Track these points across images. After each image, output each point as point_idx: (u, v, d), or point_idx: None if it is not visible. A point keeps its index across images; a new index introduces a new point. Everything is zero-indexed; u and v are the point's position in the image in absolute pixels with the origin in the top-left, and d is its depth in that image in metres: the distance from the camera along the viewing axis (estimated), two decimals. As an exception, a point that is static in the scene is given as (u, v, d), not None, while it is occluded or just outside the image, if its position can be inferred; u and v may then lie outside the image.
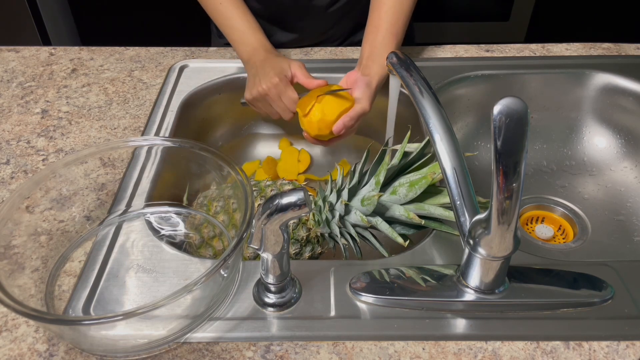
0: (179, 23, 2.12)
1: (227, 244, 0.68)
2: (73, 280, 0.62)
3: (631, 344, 0.55)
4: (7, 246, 0.59)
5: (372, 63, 0.83)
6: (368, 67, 0.83)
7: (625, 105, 0.94)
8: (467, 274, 0.57)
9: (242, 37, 0.89)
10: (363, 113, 0.79)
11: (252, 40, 0.88)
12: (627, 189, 0.92)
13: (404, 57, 0.63)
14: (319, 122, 0.78)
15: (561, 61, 0.98)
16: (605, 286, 0.60)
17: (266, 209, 0.49)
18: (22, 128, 0.86)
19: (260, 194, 0.71)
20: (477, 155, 0.98)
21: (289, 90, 0.81)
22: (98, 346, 0.55)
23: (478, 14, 2.22)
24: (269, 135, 1.03)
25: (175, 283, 0.62)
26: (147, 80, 0.96)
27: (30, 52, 1.04)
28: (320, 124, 0.78)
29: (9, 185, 0.75)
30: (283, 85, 0.81)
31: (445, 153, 0.54)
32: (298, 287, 0.60)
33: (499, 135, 0.46)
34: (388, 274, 0.61)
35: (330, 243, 0.69)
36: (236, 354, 0.55)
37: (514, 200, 0.48)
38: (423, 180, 0.62)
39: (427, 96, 0.57)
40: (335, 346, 0.55)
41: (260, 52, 0.86)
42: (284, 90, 0.81)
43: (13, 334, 0.57)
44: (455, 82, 0.95)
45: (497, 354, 0.54)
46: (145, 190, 0.73)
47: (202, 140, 0.97)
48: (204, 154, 0.66)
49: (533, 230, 0.90)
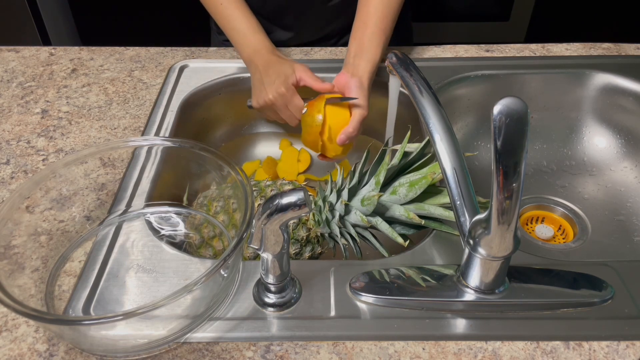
0: (179, 23, 2.12)
1: (227, 244, 0.68)
2: (73, 280, 0.62)
3: (631, 344, 0.55)
4: (7, 246, 0.59)
5: (359, 61, 0.82)
6: (356, 65, 0.82)
7: (625, 105, 0.94)
8: (467, 274, 0.57)
9: (243, 38, 0.89)
10: (363, 118, 0.79)
11: (253, 41, 0.88)
12: (627, 189, 0.92)
13: (404, 57, 0.63)
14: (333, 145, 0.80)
15: (561, 61, 0.98)
16: (605, 286, 0.60)
17: (266, 209, 0.49)
18: (22, 128, 0.86)
19: (260, 194, 0.71)
20: (477, 155, 0.98)
21: (295, 99, 0.81)
22: (98, 346, 0.55)
23: (478, 14, 2.22)
24: (269, 135, 1.03)
25: (175, 283, 0.62)
26: (147, 80, 0.96)
27: (30, 52, 1.04)
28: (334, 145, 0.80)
29: (9, 185, 0.75)
30: (289, 95, 0.81)
31: (445, 153, 0.54)
32: (298, 287, 0.60)
33: (499, 135, 0.46)
34: (388, 274, 0.61)
35: (330, 243, 0.69)
36: (236, 354, 0.55)
37: (514, 200, 0.48)
38: (423, 180, 0.62)
39: (427, 96, 0.57)
40: (335, 346, 0.55)
41: (262, 54, 0.86)
42: (290, 100, 0.81)
43: (13, 334, 0.57)
44: (455, 82, 0.95)
45: (497, 354, 0.54)
46: (145, 190, 0.73)
47: (202, 140, 0.97)
48: (204, 154, 0.66)
49: (533, 230, 0.90)
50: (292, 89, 0.81)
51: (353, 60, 0.83)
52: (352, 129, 0.78)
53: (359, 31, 0.85)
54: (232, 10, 0.89)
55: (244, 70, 0.97)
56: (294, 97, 0.81)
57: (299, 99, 0.81)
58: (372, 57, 0.83)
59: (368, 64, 0.82)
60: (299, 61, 1.00)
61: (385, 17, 0.85)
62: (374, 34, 0.84)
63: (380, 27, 0.84)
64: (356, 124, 0.78)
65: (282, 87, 0.80)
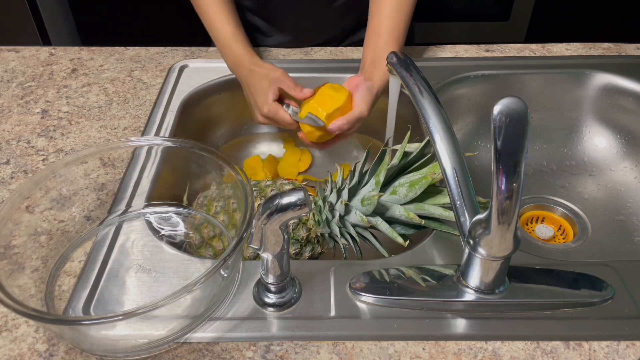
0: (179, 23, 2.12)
1: (227, 244, 0.68)
2: (73, 280, 0.62)
3: (631, 344, 0.55)
4: (7, 246, 0.59)
5: (374, 69, 0.83)
6: (370, 72, 0.82)
7: (625, 105, 0.94)
8: (467, 274, 0.57)
9: (224, 49, 0.90)
10: (360, 118, 0.78)
11: (232, 52, 0.88)
12: (627, 189, 0.92)
13: (404, 57, 0.63)
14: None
15: (561, 61, 0.98)
16: (605, 286, 0.60)
17: (266, 209, 0.49)
18: (22, 128, 0.86)
19: (260, 194, 0.71)
20: (477, 155, 0.98)
21: (279, 113, 0.81)
22: (98, 346, 0.55)
23: (478, 14, 2.22)
24: (269, 134, 1.03)
25: (175, 283, 0.62)
26: (147, 80, 0.96)
27: (30, 52, 1.04)
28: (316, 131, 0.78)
29: (9, 185, 0.75)
30: (273, 113, 0.81)
31: (445, 153, 0.54)
32: (298, 287, 0.60)
33: (499, 135, 0.46)
34: (388, 274, 0.61)
35: (330, 243, 0.69)
36: (236, 354, 0.55)
37: (514, 200, 0.48)
38: (423, 180, 0.62)
39: (427, 96, 0.57)
40: (335, 346, 0.55)
41: (242, 67, 0.86)
42: (275, 116, 0.81)
43: (13, 334, 0.57)
44: (455, 82, 0.95)
45: (497, 354, 0.54)
46: (145, 190, 0.73)
47: (202, 140, 0.97)
48: (204, 154, 0.66)
49: (533, 230, 0.90)
50: (273, 106, 0.81)
51: (369, 68, 0.83)
52: (347, 121, 0.77)
53: (372, 40, 0.86)
54: (214, 19, 0.90)
55: (244, 70, 0.97)
56: (277, 114, 0.81)
57: (283, 113, 0.81)
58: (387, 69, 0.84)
59: (383, 74, 0.82)
60: (297, 61, 1.00)
61: (397, 25, 0.85)
62: (388, 42, 0.84)
63: (393, 36, 0.85)
64: (352, 119, 0.77)
65: (265, 108, 0.81)
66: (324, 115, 0.77)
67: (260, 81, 0.83)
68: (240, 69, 0.87)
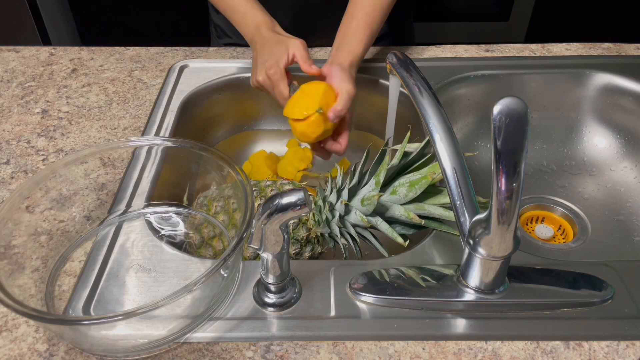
0: (179, 23, 2.12)
1: (227, 244, 0.68)
2: (73, 280, 0.62)
3: (631, 344, 0.55)
4: (7, 246, 0.59)
5: (340, 52, 0.82)
6: (336, 56, 0.82)
7: (625, 105, 0.94)
8: (467, 274, 0.57)
9: (243, 18, 0.88)
10: (350, 96, 0.77)
11: (252, 20, 0.87)
12: (627, 189, 0.92)
13: (404, 57, 0.63)
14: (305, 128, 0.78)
15: (561, 61, 0.98)
16: (605, 286, 0.60)
17: (266, 209, 0.49)
18: (22, 128, 0.86)
19: (260, 194, 0.71)
20: (477, 155, 0.98)
21: (281, 84, 0.80)
22: (98, 346, 0.55)
23: (478, 14, 2.22)
24: (269, 134, 1.03)
25: (175, 283, 0.62)
26: (147, 80, 0.96)
27: (30, 52, 1.04)
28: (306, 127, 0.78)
29: (9, 185, 0.75)
30: (276, 79, 0.80)
31: (445, 153, 0.54)
32: (298, 287, 0.60)
33: (499, 135, 0.46)
34: (388, 274, 0.61)
35: (330, 243, 0.69)
36: (236, 354, 0.55)
37: (514, 200, 0.48)
38: (423, 180, 0.62)
39: (427, 96, 0.57)
40: (335, 346, 0.55)
41: (262, 32, 0.85)
42: (275, 85, 0.80)
43: (13, 334, 0.57)
44: (455, 82, 0.95)
45: (497, 354, 0.54)
46: (145, 190, 0.73)
47: (202, 140, 0.98)
48: (204, 154, 0.66)
49: (533, 230, 0.90)
50: (280, 73, 0.80)
51: (334, 52, 0.83)
52: (341, 107, 0.76)
53: (344, 24, 0.85)
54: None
55: (244, 70, 0.97)
56: (279, 83, 0.80)
57: (284, 86, 0.80)
58: (353, 49, 0.83)
59: (349, 55, 0.81)
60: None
61: (372, 11, 0.85)
62: (359, 26, 0.84)
63: (366, 21, 0.84)
64: (344, 101, 0.77)
65: (271, 70, 0.80)
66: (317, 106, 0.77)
67: (277, 46, 0.82)
68: (260, 34, 0.85)
